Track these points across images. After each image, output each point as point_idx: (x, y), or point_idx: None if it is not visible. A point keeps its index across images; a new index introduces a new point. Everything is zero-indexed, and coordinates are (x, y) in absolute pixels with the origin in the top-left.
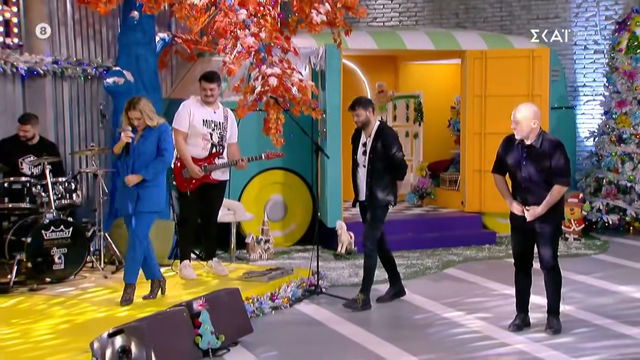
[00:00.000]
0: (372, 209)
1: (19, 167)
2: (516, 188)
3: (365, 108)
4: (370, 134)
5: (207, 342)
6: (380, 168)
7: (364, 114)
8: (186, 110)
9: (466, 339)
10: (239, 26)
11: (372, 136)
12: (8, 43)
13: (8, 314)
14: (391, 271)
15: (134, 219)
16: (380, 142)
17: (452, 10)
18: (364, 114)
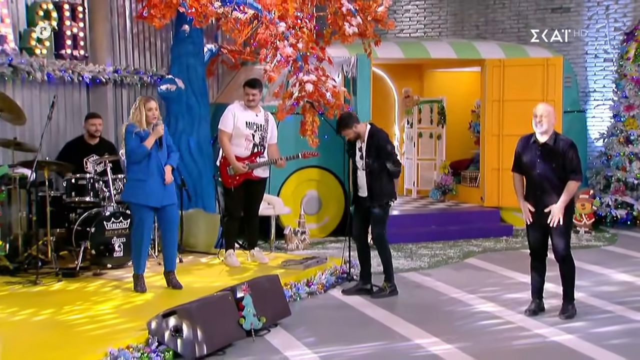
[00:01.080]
0: (374, 208)
1: (84, 166)
2: (530, 186)
3: (348, 127)
4: (364, 140)
5: (249, 323)
6: (377, 169)
7: (351, 131)
8: (231, 114)
9: (486, 322)
10: (279, 37)
11: (365, 141)
12: (75, 55)
13: (74, 295)
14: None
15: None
16: (374, 146)
17: (473, 22)
18: (351, 131)
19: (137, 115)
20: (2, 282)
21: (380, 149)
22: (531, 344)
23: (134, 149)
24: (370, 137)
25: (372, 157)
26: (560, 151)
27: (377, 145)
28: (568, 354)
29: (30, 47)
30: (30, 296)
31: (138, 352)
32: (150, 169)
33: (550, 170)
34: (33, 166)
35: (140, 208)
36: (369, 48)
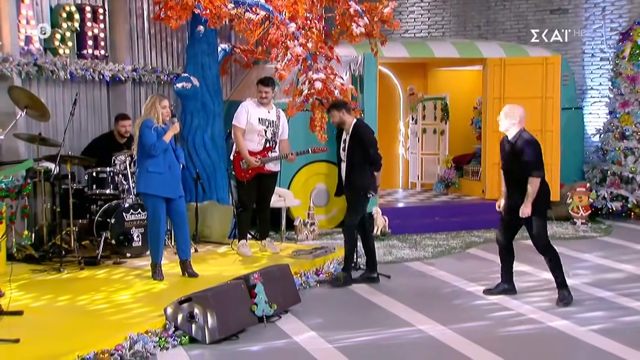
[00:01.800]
0: (351, 197)
1: (112, 162)
2: (503, 181)
3: (338, 110)
4: (348, 132)
5: (261, 310)
6: (358, 161)
7: (337, 115)
8: (244, 110)
9: (486, 309)
10: (289, 37)
11: (349, 134)
12: (96, 54)
13: (96, 282)
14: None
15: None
16: (356, 139)
17: (475, 23)
18: (337, 115)
19: (153, 112)
20: (28, 270)
21: (362, 143)
22: (528, 329)
23: (155, 143)
24: (355, 130)
25: (353, 149)
26: (519, 149)
27: (359, 139)
28: (564, 339)
29: (54, 47)
30: (55, 283)
31: (156, 337)
32: (166, 162)
33: (513, 166)
34: (56, 160)
35: (156, 199)
36: (376, 47)
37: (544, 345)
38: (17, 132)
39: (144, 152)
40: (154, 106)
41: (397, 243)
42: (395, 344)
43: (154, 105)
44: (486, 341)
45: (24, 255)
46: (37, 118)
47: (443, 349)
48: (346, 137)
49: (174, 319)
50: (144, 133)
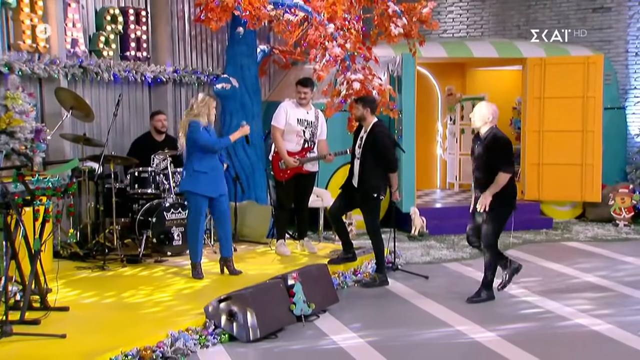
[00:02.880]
0: (364, 201)
1: (151, 161)
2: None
3: (364, 106)
4: (366, 130)
5: (300, 309)
6: (371, 162)
7: (361, 110)
8: (283, 111)
9: (526, 312)
10: (328, 38)
11: (367, 132)
12: (138, 56)
13: (137, 280)
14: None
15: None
16: (372, 139)
17: (514, 22)
18: (361, 110)
19: (205, 111)
20: (73, 267)
21: (377, 144)
22: (570, 332)
23: (215, 142)
24: (372, 130)
25: (366, 150)
26: (490, 147)
27: (375, 140)
28: (608, 342)
29: (99, 49)
30: (99, 280)
31: (196, 335)
32: (216, 163)
33: (485, 165)
34: (100, 160)
35: (199, 198)
36: (414, 48)
37: (586, 348)
38: (63, 133)
39: (193, 151)
40: (207, 106)
41: (434, 243)
42: (433, 344)
43: (206, 106)
44: (526, 343)
45: (70, 252)
46: (81, 119)
47: (482, 350)
48: (363, 135)
49: (214, 317)
50: (200, 136)
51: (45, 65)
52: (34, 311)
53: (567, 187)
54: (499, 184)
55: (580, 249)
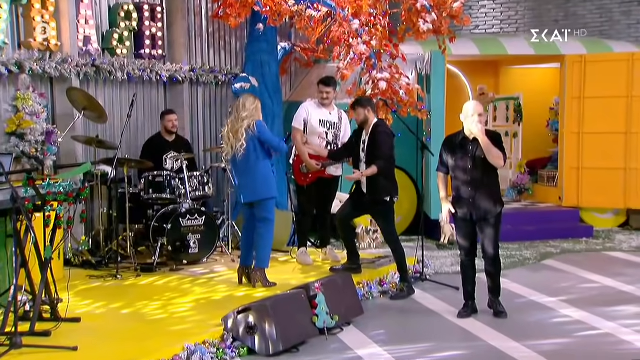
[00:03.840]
0: (374, 205)
1: (164, 162)
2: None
3: (363, 107)
4: (368, 132)
5: (323, 321)
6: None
7: (363, 112)
8: (304, 111)
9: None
10: (352, 35)
11: (368, 134)
12: (154, 54)
13: (152, 290)
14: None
15: None
16: (374, 138)
17: (551, 17)
18: (363, 112)
19: (257, 115)
20: (85, 276)
21: (376, 143)
22: (613, 349)
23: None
24: (373, 130)
25: (371, 151)
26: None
27: (375, 140)
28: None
29: (112, 47)
30: (111, 289)
31: (214, 348)
32: None
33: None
34: (113, 163)
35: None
36: (444, 45)
37: None
38: (75, 135)
39: (259, 153)
40: (258, 110)
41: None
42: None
43: (257, 109)
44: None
45: (81, 261)
46: (94, 120)
47: None
48: (365, 138)
49: (233, 330)
50: (273, 136)
51: (56, 64)
52: (45, 322)
53: (609, 193)
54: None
55: (623, 259)
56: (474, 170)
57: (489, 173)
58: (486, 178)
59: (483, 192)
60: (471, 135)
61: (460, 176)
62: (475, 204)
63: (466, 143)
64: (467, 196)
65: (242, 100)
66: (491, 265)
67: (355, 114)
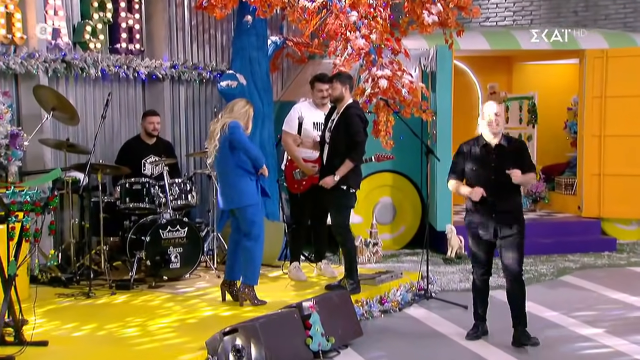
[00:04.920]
0: (333, 193)
1: (142, 167)
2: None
3: (342, 83)
4: (339, 112)
5: (317, 343)
6: (342, 147)
7: (340, 88)
8: (296, 113)
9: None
10: (350, 28)
11: (339, 114)
12: (131, 49)
13: (128, 309)
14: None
15: None
16: (344, 120)
17: (570, 8)
18: (340, 88)
19: (245, 119)
20: (54, 294)
21: (348, 125)
22: None
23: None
24: (345, 110)
25: (338, 132)
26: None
27: (346, 121)
28: None
29: (84, 41)
30: (83, 309)
31: None
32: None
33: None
34: (86, 169)
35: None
36: (451, 39)
37: None
38: (43, 138)
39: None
40: (247, 114)
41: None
42: None
43: (247, 113)
44: None
45: (50, 277)
46: (65, 121)
47: None
48: (335, 117)
49: (218, 353)
50: (245, 138)
51: (22, 59)
52: (8, 346)
53: (633, 202)
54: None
55: None
56: (496, 181)
57: (513, 184)
58: (509, 190)
59: (505, 205)
60: (493, 141)
61: (481, 187)
62: (497, 217)
63: (488, 151)
64: (488, 208)
65: (232, 103)
66: (515, 288)
67: (332, 87)
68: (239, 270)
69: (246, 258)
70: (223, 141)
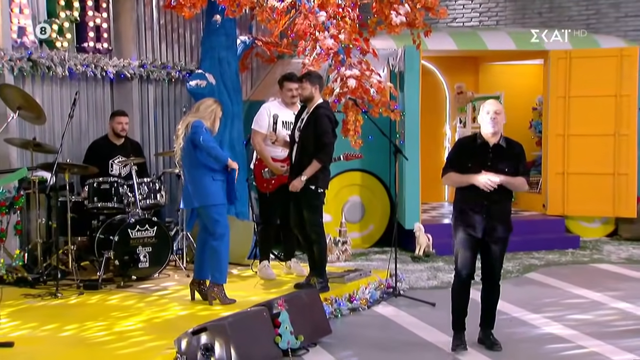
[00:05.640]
0: (302, 193)
1: (110, 168)
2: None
3: (312, 83)
4: (309, 111)
5: (286, 341)
6: (312, 147)
7: (310, 89)
8: (265, 112)
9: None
10: (319, 28)
11: (309, 113)
12: (98, 48)
13: (97, 309)
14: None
15: None
16: (313, 120)
17: (535, 9)
18: (310, 89)
19: (211, 118)
20: (20, 295)
21: (316, 126)
22: None
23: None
24: (315, 110)
25: (307, 132)
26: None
27: (315, 122)
28: None
29: (51, 39)
30: (50, 310)
31: None
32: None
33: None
34: (53, 169)
35: (225, 210)
36: (418, 39)
37: None
38: (9, 137)
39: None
40: (213, 113)
41: (442, 265)
42: None
43: (213, 112)
44: None
45: (15, 277)
46: (31, 120)
47: None
48: (305, 116)
49: (186, 352)
50: (208, 136)
51: None
52: None
53: (596, 200)
54: None
55: (613, 271)
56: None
57: (507, 189)
58: (501, 192)
59: (498, 209)
60: (491, 139)
61: (475, 187)
62: (488, 220)
63: (485, 150)
64: (480, 210)
65: (199, 102)
66: (493, 292)
67: (301, 87)
68: (207, 269)
69: (213, 257)
70: (187, 140)
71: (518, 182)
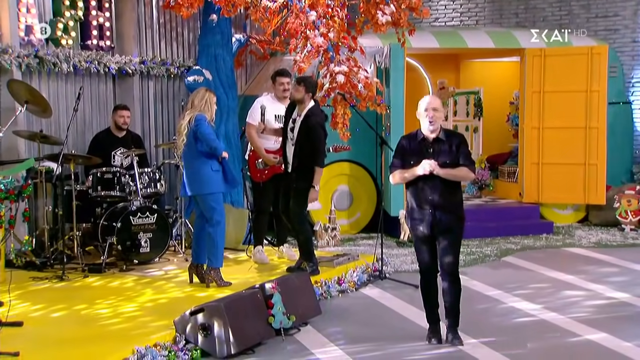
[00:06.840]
0: (297, 186)
1: (112, 159)
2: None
3: (307, 90)
4: (301, 114)
5: (279, 322)
6: (307, 150)
7: (303, 94)
8: (259, 106)
9: (521, 320)
10: (309, 27)
11: (302, 117)
12: (101, 45)
13: (100, 292)
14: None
15: None
16: (306, 128)
17: (512, 10)
18: (303, 94)
19: (207, 108)
20: (29, 278)
21: (309, 132)
22: (568, 342)
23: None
24: (307, 116)
25: (301, 137)
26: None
27: (308, 128)
28: (605, 353)
29: (56, 37)
30: (57, 292)
31: (165, 351)
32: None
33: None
34: (59, 159)
35: (221, 198)
36: (403, 37)
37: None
38: (17, 130)
39: (199, 147)
40: (207, 102)
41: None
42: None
43: (207, 102)
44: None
45: (24, 261)
46: (38, 114)
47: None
48: (297, 118)
49: (185, 332)
50: (204, 126)
51: None
52: None
53: (568, 189)
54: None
55: (583, 255)
56: (434, 176)
57: (452, 181)
58: (449, 186)
59: (445, 201)
60: (430, 135)
61: (420, 183)
62: (437, 214)
63: (426, 145)
64: (427, 206)
65: (192, 96)
66: (451, 286)
67: (296, 89)
68: (204, 254)
69: (209, 243)
70: (190, 133)
71: (462, 173)
